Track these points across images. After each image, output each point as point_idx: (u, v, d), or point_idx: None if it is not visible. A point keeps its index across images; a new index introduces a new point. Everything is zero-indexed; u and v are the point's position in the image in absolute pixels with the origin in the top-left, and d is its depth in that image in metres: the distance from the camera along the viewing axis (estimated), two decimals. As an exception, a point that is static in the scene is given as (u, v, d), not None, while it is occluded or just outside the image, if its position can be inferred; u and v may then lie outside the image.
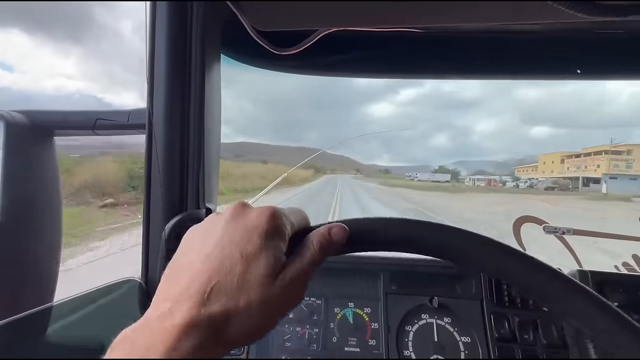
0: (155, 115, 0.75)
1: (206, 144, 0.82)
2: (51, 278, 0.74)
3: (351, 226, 0.32)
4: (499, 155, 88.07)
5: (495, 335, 0.62)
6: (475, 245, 0.30)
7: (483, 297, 0.65)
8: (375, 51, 0.93)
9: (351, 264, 0.73)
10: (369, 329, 0.68)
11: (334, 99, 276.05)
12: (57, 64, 5.56)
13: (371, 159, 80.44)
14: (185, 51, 0.79)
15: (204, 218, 0.83)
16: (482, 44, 0.98)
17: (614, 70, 1.06)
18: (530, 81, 1.47)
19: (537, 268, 0.29)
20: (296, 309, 0.71)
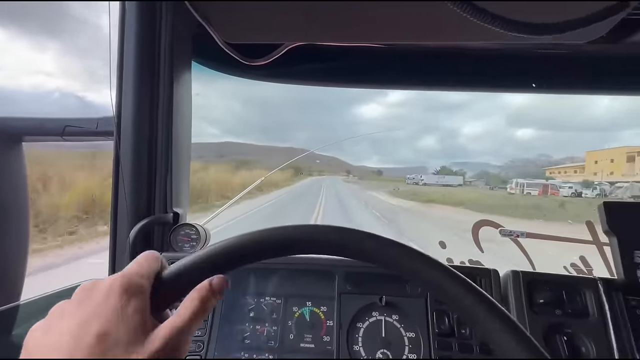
0: (123, 122, 0.78)
1: (176, 149, 0.85)
2: (18, 278, 0.76)
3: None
4: (501, 156, 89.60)
5: (436, 330, 0.67)
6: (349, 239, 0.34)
7: (427, 296, 0.71)
8: (338, 63, 0.98)
9: (309, 266, 0.77)
10: (325, 326, 0.73)
11: (323, 100, 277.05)
12: (33, 59, 5.35)
13: (361, 160, 79.72)
14: (154, 59, 0.83)
15: (170, 222, 0.86)
16: (440, 59, 1.04)
17: (565, 85, 1.14)
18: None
19: (405, 251, 0.33)
20: (256, 308, 0.75)
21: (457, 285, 0.31)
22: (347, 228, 0.35)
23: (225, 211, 1.08)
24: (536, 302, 0.66)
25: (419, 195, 10.69)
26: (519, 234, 1.17)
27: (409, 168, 43.58)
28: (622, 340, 0.59)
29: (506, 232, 1.17)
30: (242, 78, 1.04)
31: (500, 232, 1.18)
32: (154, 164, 0.82)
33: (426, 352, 0.66)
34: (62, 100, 3.15)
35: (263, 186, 2.93)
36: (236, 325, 0.73)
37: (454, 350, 0.65)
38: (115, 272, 0.79)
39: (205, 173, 4.83)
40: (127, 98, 0.78)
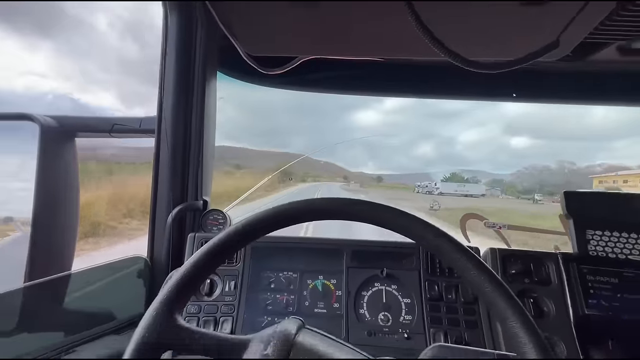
0: (163, 122, 0.91)
1: (205, 146, 0.99)
2: (69, 255, 0.88)
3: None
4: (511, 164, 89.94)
5: (428, 296, 0.81)
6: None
7: (420, 269, 0.85)
8: (346, 73, 1.13)
9: (321, 245, 0.91)
10: (334, 295, 0.86)
11: (321, 107, 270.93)
12: (26, 60, 5.29)
13: (358, 167, 79.69)
14: (189, 69, 0.96)
15: (201, 208, 1.00)
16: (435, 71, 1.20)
17: (542, 95, 1.31)
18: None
19: (398, 214, 0.44)
20: (276, 280, 0.89)
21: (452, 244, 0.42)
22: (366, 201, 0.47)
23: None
24: (509, 272, 0.81)
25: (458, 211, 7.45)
26: (501, 225, 1.32)
27: (410, 175, 42.33)
28: (575, 300, 0.73)
29: (490, 224, 1.32)
30: (260, 86, 1.18)
31: (485, 224, 1.33)
32: (187, 158, 0.96)
33: (419, 313, 0.80)
34: (56, 102, 3.16)
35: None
36: (260, 294, 0.86)
37: (442, 311, 0.79)
38: (154, 249, 0.92)
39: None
40: (167, 101, 0.92)
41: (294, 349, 0.38)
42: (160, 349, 0.37)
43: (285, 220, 0.45)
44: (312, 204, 0.46)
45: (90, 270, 0.85)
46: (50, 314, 0.76)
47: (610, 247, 0.77)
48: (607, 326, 0.70)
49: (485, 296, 0.39)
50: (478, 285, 0.40)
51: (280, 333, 0.39)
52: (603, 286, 0.73)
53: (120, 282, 0.89)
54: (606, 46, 0.94)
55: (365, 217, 0.45)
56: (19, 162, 0.99)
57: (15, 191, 1.04)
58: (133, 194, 3.00)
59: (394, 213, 0.44)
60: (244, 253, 0.88)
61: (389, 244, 0.88)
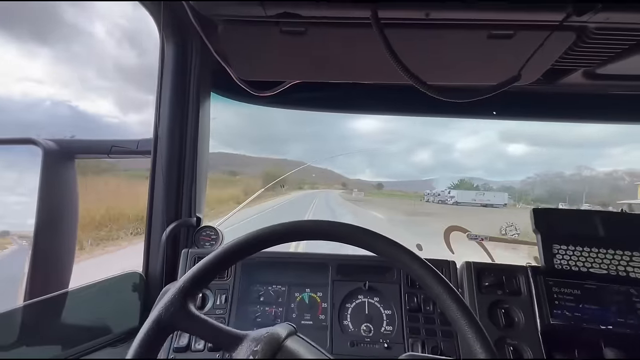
0: (159, 143, 0.97)
1: (199, 165, 1.04)
2: (68, 268, 0.92)
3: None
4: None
5: (407, 308, 0.86)
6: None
7: (401, 282, 0.90)
8: (330, 94, 1.20)
9: (307, 259, 0.96)
10: (320, 307, 0.91)
11: (320, 115, 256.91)
12: (23, 66, 5.31)
13: (355, 174, 78.92)
14: (185, 91, 1.02)
15: (194, 224, 1.06)
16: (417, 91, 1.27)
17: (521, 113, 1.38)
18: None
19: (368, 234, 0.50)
20: (265, 294, 0.94)
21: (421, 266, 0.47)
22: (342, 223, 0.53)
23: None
24: (483, 285, 0.86)
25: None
26: (483, 237, 1.38)
27: (408, 182, 41.24)
28: (542, 310, 0.79)
29: (472, 236, 1.38)
30: (253, 105, 1.24)
31: (468, 236, 1.39)
32: (181, 176, 1.01)
33: (399, 324, 0.85)
34: (54, 108, 3.15)
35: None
36: (250, 307, 0.91)
37: (421, 322, 0.84)
38: (149, 264, 0.96)
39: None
40: (162, 124, 0.97)
41: (281, 351, 0.43)
42: (171, 328, 0.43)
43: (297, 235, 0.51)
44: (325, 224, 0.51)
45: (88, 287, 0.90)
46: (50, 329, 0.80)
47: (574, 260, 0.83)
48: (570, 334, 0.76)
49: (437, 299, 0.44)
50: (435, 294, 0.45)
51: (270, 335, 0.44)
52: (567, 297, 0.78)
53: (117, 296, 0.93)
54: (573, 72, 1.02)
55: (325, 236, 0.51)
56: (17, 178, 1.04)
57: (11, 205, 1.09)
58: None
59: (353, 229, 0.50)
60: (235, 268, 0.93)
61: (372, 258, 0.94)
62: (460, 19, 0.75)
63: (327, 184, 18.27)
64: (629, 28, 0.74)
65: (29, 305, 0.78)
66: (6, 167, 0.98)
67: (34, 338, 0.73)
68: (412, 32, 0.79)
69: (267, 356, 0.41)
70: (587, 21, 0.73)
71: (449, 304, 0.43)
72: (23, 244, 1.11)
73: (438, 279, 0.45)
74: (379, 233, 0.50)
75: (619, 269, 0.80)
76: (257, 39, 0.86)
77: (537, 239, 0.87)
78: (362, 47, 0.86)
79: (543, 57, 0.86)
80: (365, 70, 1.00)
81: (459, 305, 0.42)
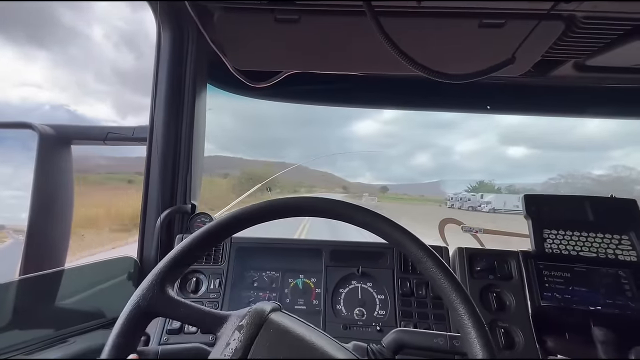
0: (155, 130, 0.98)
1: (194, 153, 1.05)
2: (62, 253, 0.93)
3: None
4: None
5: (400, 292, 0.87)
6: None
7: (394, 267, 0.91)
8: (327, 86, 1.21)
9: (301, 245, 0.97)
10: (314, 292, 0.92)
11: (319, 116, 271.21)
12: (22, 70, 5.28)
13: (355, 177, 78.90)
14: (180, 81, 1.04)
15: (189, 211, 1.06)
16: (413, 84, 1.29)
17: (513, 107, 1.40)
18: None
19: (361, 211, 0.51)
20: (259, 279, 0.94)
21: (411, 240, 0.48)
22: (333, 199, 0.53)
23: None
24: (475, 270, 0.87)
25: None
26: (477, 230, 1.39)
27: (417, 185, 40.28)
28: (533, 293, 0.80)
29: (467, 229, 1.39)
30: (249, 97, 1.25)
31: (462, 229, 1.40)
32: (177, 164, 1.02)
33: (392, 308, 0.86)
34: (52, 113, 3.12)
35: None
36: (243, 292, 0.91)
37: (413, 306, 0.85)
38: (144, 249, 0.97)
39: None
40: (158, 111, 0.98)
41: (266, 324, 0.43)
42: (150, 315, 0.43)
43: (270, 214, 0.51)
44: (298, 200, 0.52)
45: (80, 268, 0.90)
46: (41, 308, 0.80)
47: (564, 244, 0.84)
48: (560, 316, 0.77)
49: (436, 285, 0.45)
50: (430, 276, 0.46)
51: (254, 310, 0.44)
52: (557, 280, 0.79)
53: (110, 280, 0.93)
54: (563, 63, 1.04)
55: (337, 214, 0.51)
56: (12, 172, 1.04)
57: (6, 199, 1.09)
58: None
59: (364, 212, 0.50)
60: (229, 253, 0.93)
61: (365, 244, 0.94)
62: (452, 7, 0.77)
63: (328, 187, 17.61)
64: (616, 17, 0.76)
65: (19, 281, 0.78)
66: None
67: (21, 316, 0.73)
68: (404, 20, 0.80)
69: (252, 329, 0.42)
70: (575, 10, 0.75)
71: (451, 294, 0.44)
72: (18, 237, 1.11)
73: (439, 264, 0.46)
74: (380, 214, 0.50)
75: (607, 252, 0.81)
76: (252, 27, 0.87)
77: (528, 224, 0.88)
78: (356, 36, 0.88)
79: (533, 47, 0.88)
80: (359, 60, 1.01)
81: (462, 296, 0.43)
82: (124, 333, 0.41)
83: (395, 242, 0.48)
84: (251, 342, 0.40)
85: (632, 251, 0.81)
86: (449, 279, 0.45)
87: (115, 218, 2.85)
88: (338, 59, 1.02)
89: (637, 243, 0.81)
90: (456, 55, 0.91)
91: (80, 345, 0.72)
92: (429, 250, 0.47)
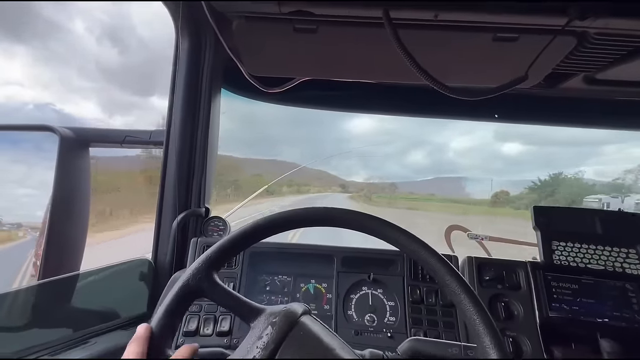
0: (171, 134, 1.00)
1: (208, 158, 1.07)
2: (80, 252, 0.95)
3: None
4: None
5: (410, 299, 0.89)
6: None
7: (404, 274, 0.93)
8: (340, 93, 1.23)
9: (313, 251, 0.98)
10: (325, 298, 0.94)
11: (317, 116, 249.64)
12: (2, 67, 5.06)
13: (351, 175, 74.51)
14: (197, 86, 1.05)
15: (203, 214, 1.08)
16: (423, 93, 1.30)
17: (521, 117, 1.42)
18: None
19: (377, 222, 0.52)
20: (271, 284, 0.96)
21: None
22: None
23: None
24: (484, 279, 0.89)
25: None
26: (483, 237, 1.41)
27: (412, 182, 38.42)
28: (541, 304, 0.82)
29: (473, 236, 1.41)
30: (262, 102, 1.27)
31: (468, 236, 1.42)
32: (192, 167, 1.04)
33: (402, 315, 0.87)
34: (36, 112, 3.04)
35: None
36: (256, 296, 0.93)
37: (423, 313, 0.87)
38: (158, 252, 0.98)
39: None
40: (175, 116, 1.00)
41: (297, 325, 0.45)
42: (196, 294, 0.46)
43: (313, 221, 0.53)
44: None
45: (97, 271, 0.92)
46: (62, 310, 0.82)
47: (572, 256, 0.86)
48: (568, 327, 0.79)
49: (451, 294, 0.47)
50: (447, 286, 0.47)
51: (288, 310, 0.46)
52: (565, 291, 0.81)
53: (125, 282, 0.95)
54: (574, 76, 1.05)
55: (356, 226, 0.53)
56: (26, 171, 1.06)
57: (21, 197, 1.11)
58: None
59: (382, 223, 0.52)
60: (242, 258, 0.95)
61: (376, 251, 0.96)
62: (467, 21, 0.78)
63: (323, 186, 16.52)
64: (627, 34, 0.78)
65: (39, 285, 0.80)
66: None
67: (44, 318, 0.75)
68: (420, 33, 0.82)
69: (284, 328, 0.44)
70: (588, 26, 0.76)
71: (466, 302, 0.46)
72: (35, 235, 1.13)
73: (453, 273, 0.47)
74: (396, 225, 0.52)
75: (615, 265, 0.83)
76: (270, 35, 0.89)
77: (537, 236, 0.90)
78: (372, 46, 0.89)
79: (545, 61, 0.90)
80: (374, 69, 1.03)
81: (477, 305, 0.45)
82: (171, 308, 0.44)
83: (411, 252, 0.50)
84: (282, 340, 0.42)
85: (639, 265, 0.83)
86: (464, 290, 0.47)
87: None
88: (353, 68, 1.04)
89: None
90: (470, 69, 0.93)
91: (101, 345, 0.74)
92: (444, 260, 0.49)
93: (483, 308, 0.45)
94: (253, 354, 0.41)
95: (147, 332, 0.41)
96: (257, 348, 0.41)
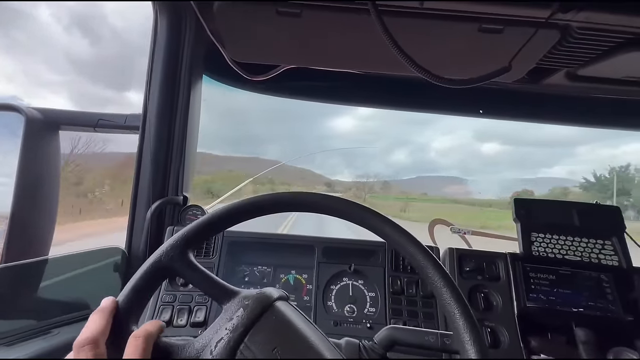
0: (148, 119, 0.95)
1: (187, 145, 1.03)
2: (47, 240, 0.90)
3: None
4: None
5: (390, 290, 0.88)
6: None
7: (385, 265, 0.92)
8: (325, 83, 1.21)
9: (294, 241, 0.96)
10: (305, 289, 0.92)
11: (298, 113, 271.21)
12: None
13: (335, 174, 75.89)
14: (176, 71, 1.01)
15: (181, 203, 1.04)
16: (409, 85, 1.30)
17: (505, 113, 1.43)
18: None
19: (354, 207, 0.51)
20: (250, 274, 0.93)
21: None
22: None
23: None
24: (464, 270, 0.89)
25: None
26: (466, 231, 1.42)
27: (421, 178, 38.24)
28: (519, 294, 0.82)
29: (456, 230, 1.42)
30: (245, 91, 1.23)
31: (451, 230, 1.42)
32: (170, 155, 1.00)
33: (382, 306, 0.86)
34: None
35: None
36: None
37: (403, 304, 0.86)
38: (132, 240, 0.94)
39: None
40: (152, 100, 0.96)
41: (270, 309, 0.43)
42: (168, 271, 0.43)
43: (286, 206, 0.51)
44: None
45: (65, 257, 0.87)
46: (24, 298, 0.77)
47: (551, 248, 0.87)
48: (545, 316, 0.79)
49: (432, 285, 0.45)
50: (427, 275, 0.46)
51: (262, 293, 0.44)
52: (542, 282, 0.82)
53: (96, 271, 0.91)
54: (556, 72, 1.06)
55: (333, 210, 0.51)
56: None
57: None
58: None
59: (364, 210, 0.50)
60: (220, 247, 0.92)
61: (358, 242, 0.95)
62: (453, 10, 0.78)
63: (308, 186, 16.17)
64: (609, 29, 0.79)
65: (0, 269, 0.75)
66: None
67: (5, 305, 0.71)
68: (406, 21, 0.81)
69: (256, 312, 0.42)
70: (571, 20, 0.77)
71: (447, 296, 0.44)
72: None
73: (435, 264, 0.46)
74: (379, 213, 0.50)
75: (591, 257, 0.84)
76: (252, 18, 0.86)
77: (517, 227, 0.90)
78: (357, 34, 0.88)
79: (529, 55, 0.90)
80: (359, 58, 1.01)
81: (457, 297, 0.43)
82: (139, 286, 0.41)
83: (393, 242, 0.49)
84: (253, 324, 0.41)
85: (614, 256, 0.84)
86: (443, 279, 0.45)
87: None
88: (337, 56, 1.02)
89: (619, 248, 0.85)
90: (455, 59, 0.92)
91: (64, 336, 0.70)
92: (426, 250, 0.47)
93: (464, 302, 0.44)
94: (221, 335, 0.39)
95: (112, 304, 0.39)
96: (225, 329, 0.40)
